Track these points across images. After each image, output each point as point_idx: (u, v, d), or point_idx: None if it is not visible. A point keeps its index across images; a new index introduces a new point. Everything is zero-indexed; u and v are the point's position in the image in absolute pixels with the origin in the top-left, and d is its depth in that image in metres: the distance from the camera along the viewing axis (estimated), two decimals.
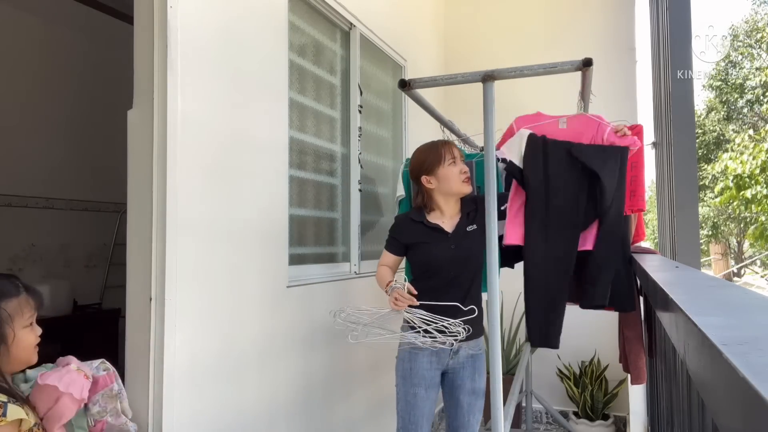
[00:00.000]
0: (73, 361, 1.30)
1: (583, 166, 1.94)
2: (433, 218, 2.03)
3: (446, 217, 2.04)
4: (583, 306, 2.01)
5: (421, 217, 2.03)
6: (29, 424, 1.11)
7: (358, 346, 1.99)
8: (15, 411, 1.07)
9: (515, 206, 2.05)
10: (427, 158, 1.99)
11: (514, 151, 2.03)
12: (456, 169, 1.98)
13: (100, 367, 1.35)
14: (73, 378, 1.24)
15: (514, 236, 2.02)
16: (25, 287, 1.19)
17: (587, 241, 1.97)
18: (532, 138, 2.01)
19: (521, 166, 2.01)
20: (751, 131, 12.33)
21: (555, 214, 1.96)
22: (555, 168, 1.97)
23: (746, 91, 15.24)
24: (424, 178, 2.00)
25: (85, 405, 1.29)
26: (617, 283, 1.98)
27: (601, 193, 1.91)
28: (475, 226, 2.02)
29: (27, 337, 1.17)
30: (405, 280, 1.99)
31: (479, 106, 1.85)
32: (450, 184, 1.98)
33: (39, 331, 1.21)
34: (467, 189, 2.01)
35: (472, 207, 2.06)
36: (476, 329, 1.96)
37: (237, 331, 1.81)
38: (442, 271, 1.96)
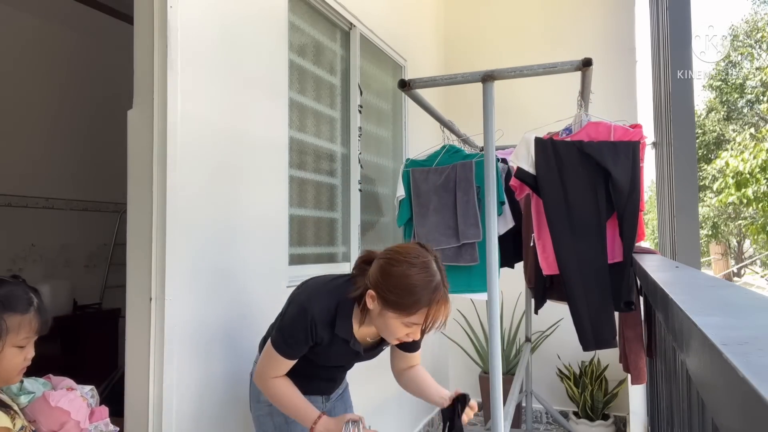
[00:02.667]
0: (72, 385, 1.27)
1: (597, 163, 1.95)
2: (359, 328, 1.50)
3: (370, 335, 1.55)
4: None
5: (346, 333, 1.46)
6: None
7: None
8: (3, 419, 1.06)
9: (543, 235, 2.04)
10: (401, 297, 1.34)
11: (523, 157, 2.03)
12: (405, 331, 1.40)
13: (89, 394, 1.31)
14: (81, 404, 1.22)
15: (552, 265, 2.02)
16: (37, 308, 1.14)
17: (616, 253, 1.98)
18: (540, 142, 2.01)
19: (533, 171, 2.01)
20: (752, 130, 12.34)
21: (578, 213, 1.96)
22: (569, 167, 1.97)
23: (746, 91, 15.24)
24: (371, 294, 1.38)
25: None
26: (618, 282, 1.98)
27: (615, 190, 1.93)
28: (388, 346, 1.66)
29: (13, 357, 1.10)
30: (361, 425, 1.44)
31: (479, 106, 1.85)
32: (384, 332, 1.44)
33: (31, 354, 1.14)
34: (394, 343, 1.53)
35: None
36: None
37: (237, 332, 1.81)
38: (325, 364, 1.60)
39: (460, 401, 1.50)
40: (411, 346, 1.65)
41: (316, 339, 1.45)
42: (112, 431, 1.32)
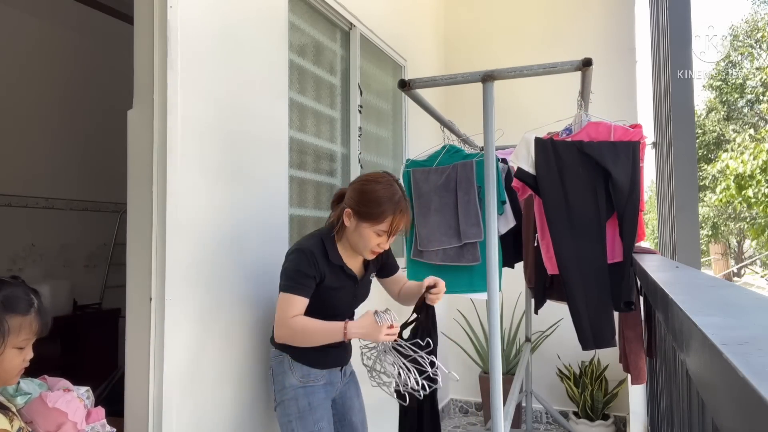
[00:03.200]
0: (69, 386, 1.26)
1: (596, 163, 1.95)
2: (345, 258, 1.77)
3: (354, 258, 1.80)
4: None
5: (338, 259, 1.73)
6: None
7: (357, 347, 1.98)
8: (1, 420, 1.06)
9: (546, 235, 2.05)
10: (372, 207, 1.66)
11: (523, 158, 2.03)
12: (376, 241, 1.70)
13: (85, 395, 1.31)
14: (78, 406, 1.22)
15: (556, 266, 2.03)
16: (37, 309, 1.14)
17: (616, 253, 1.98)
18: (540, 142, 2.01)
19: (532, 171, 2.01)
20: (751, 131, 12.33)
21: (578, 213, 1.96)
22: (569, 167, 1.98)
23: (746, 91, 15.24)
24: (347, 212, 1.70)
25: None
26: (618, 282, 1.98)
27: (615, 190, 1.93)
28: (374, 273, 1.92)
29: (12, 359, 1.10)
30: (388, 311, 1.65)
31: (479, 106, 1.85)
32: (359, 244, 1.71)
33: (30, 355, 1.14)
34: (368, 257, 1.77)
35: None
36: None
37: (237, 331, 1.81)
38: (334, 312, 1.75)
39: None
40: (390, 269, 1.96)
41: (320, 271, 1.67)
42: (108, 430, 1.31)
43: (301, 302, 1.63)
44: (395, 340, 1.66)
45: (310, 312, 1.66)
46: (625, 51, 3.75)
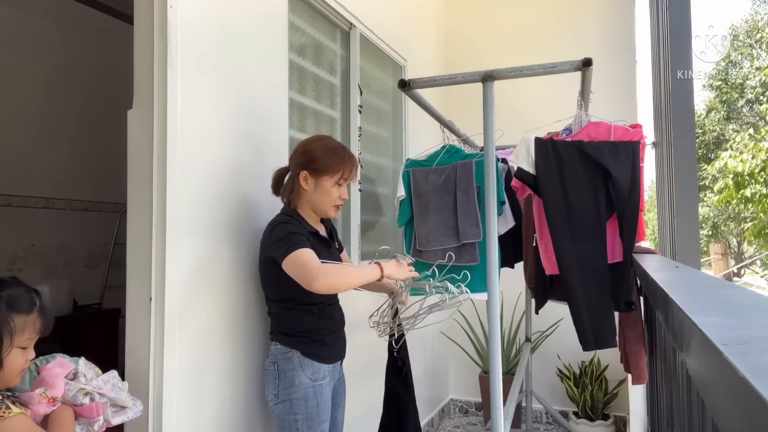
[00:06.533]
0: (50, 377, 1.21)
1: (596, 163, 1.95)
2: (314, 225, 1.81)
3: (318, 226, 1.83)
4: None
5: (309, 226, 1.75)
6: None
7: (351, 349, 1.98)
8: (14, 407, 1.07)
9: (545, 235, 2.05)
10: (326, 159, 1.71)
11: (523, 158, 2.03)
12: (338, 192, 1.76)
13: (83, 366, 1.27)
14: (37, 409, 1.17)
15: (555, 265, 2.03)
16: (40, 308, 1.14)
17: (616, 253, 1.98)
18: (540, 141, 2.01)
19: (532, 171, 2.01)
20: (751, 131, 12.33)
21: (578, 213, 1.96)
22: (569, 167, 1.98)
23: (746, 91, 15.23)
24: (303, 174, 1.72)
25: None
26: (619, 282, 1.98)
27: (615, 190, 1.93)
28: (337, 246, 1.94)
29: (15, 358, 1.10)
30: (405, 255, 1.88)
31: (479, 106, 1.85)
32: (323, 201, 1.75)
33: (32, 355, 1.15)
34: (332, 215, 1.82)
35: (330, 225, 1.94)
36: None
37: (238, 332, 1.81)
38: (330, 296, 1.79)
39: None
40: (340, 245, 2.02)
41: (305, 233, 1.67)
42: (99, 427, 1.28)
43: (311, 252, 1.57)
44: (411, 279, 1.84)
45: (299, 288, 1.58)
46: (625, 51, 3.75)
